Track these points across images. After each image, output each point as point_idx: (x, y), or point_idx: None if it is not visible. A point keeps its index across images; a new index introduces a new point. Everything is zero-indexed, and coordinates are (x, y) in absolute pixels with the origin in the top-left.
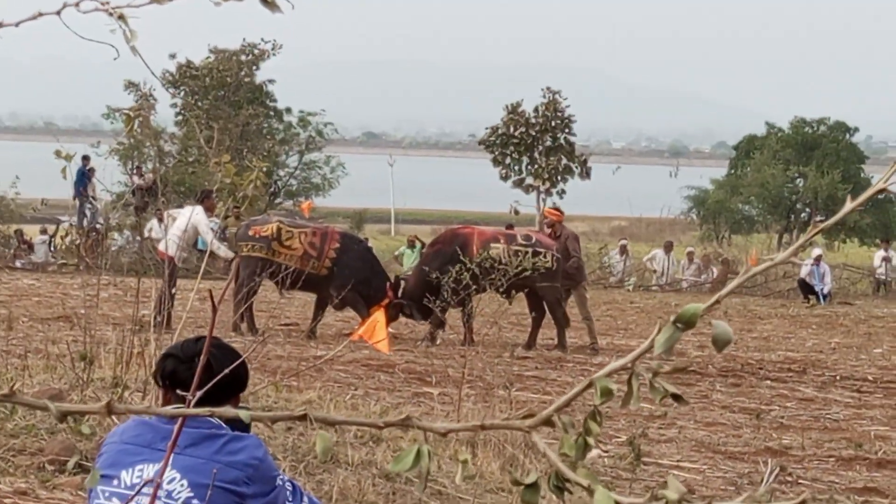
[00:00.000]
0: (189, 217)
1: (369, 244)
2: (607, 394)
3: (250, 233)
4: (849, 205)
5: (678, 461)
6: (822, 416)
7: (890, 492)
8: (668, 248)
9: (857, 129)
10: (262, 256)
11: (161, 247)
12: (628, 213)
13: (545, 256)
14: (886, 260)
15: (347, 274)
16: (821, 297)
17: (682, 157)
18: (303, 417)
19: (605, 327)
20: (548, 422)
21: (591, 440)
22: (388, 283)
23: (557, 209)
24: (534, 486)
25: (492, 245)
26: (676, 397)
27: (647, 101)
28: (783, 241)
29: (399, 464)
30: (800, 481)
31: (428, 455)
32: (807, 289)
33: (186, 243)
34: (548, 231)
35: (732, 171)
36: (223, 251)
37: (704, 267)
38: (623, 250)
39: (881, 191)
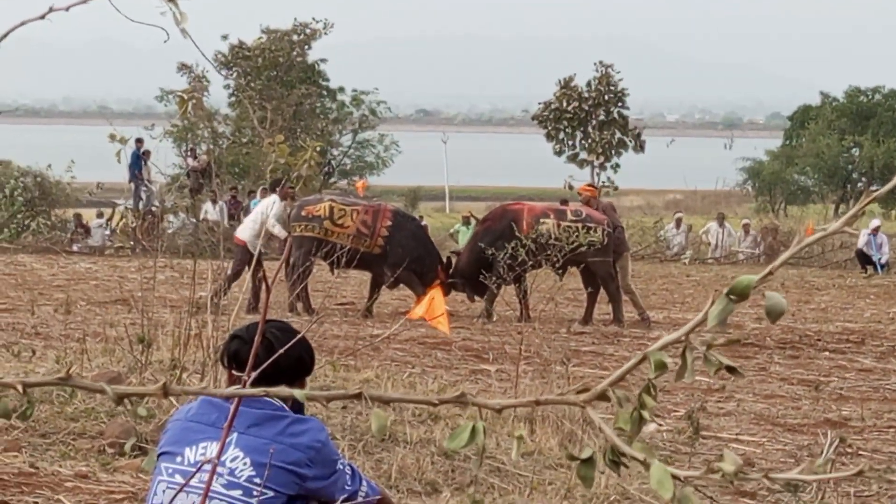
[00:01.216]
0: (266, 206)
1: (423, 222)
2: (661, 367)
3: (303, 213)
4: None
5: (737, 434)
6: (882, 386)
7: None
8: (721, 220)
9: None
10: (315, 236)
11: (238, 233)
12: (683, 186)
13: (596, 231)
14: None
15: (400, 252)
16: (878, 267)
17: (736, 128)
18: (357, 396)
19: (661, 301)
20: (602, 396)
21: (646, 414)
22: (440, 261)
23: (591, 185)
24: (589, 461)
25: (542, 220)
26: (731, 369)
27: (700, 73)
28: (839, 211)
29: (454, 441)
30: (860, 452)
31: (483, 432)
32: (864, 259)
33: (261, 231)
34: (584, 207)
35: (787, 142)
36: (278, 230)
37: (763, 238)
38: (678, 223)
39: None
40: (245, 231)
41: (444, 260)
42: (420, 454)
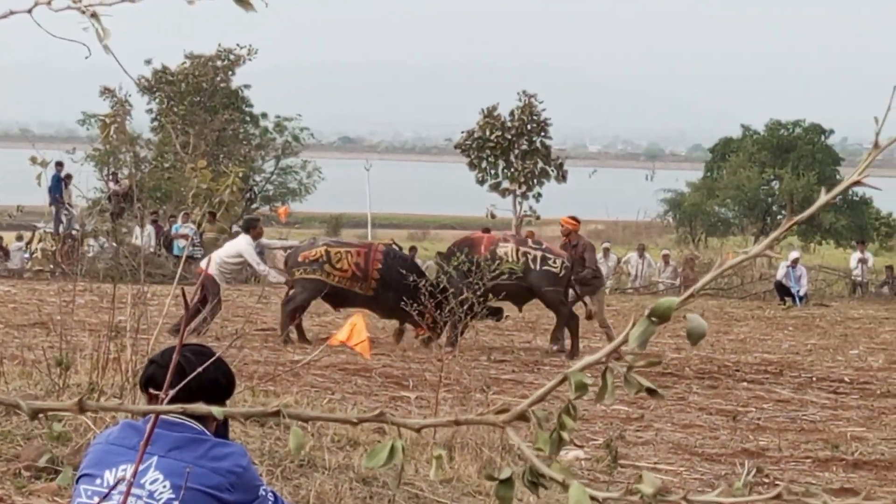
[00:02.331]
0: (236, 246)
1: (414, 254)
2: (581, 388)
3: (300, 259)
4: (822, 198)
5: (655, 463)
6: (799, 417)
7: (867, 493)
8: (641, 250)
9: (832, 132)
10: (318, 279)
11: (203, 264)
12: (605, 217)
13: (554, 262)
14: (862, 262)
15: (392, 294)
16: (797, 299)
17: (658, 159)
18: (276, 414)
19: (581, 329)
20: (522, 417)
21: (565, 435)
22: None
23: (574, 218)
24: (508, 482)
25: (500, 245)
26: (651, 391)
27: (624, 104)
28: (759, 243)
29: (373, 459)
30: (776, 483)
31: (402, 451)
32: (783, 291)
33: (230, 271)
34: (563, 240)
35: (708, 174)
36: (273, 276)
37: (682, 269)
38: (606, 253)
39: (856, 183)
40: (213, 267)
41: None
42: (338, 480)
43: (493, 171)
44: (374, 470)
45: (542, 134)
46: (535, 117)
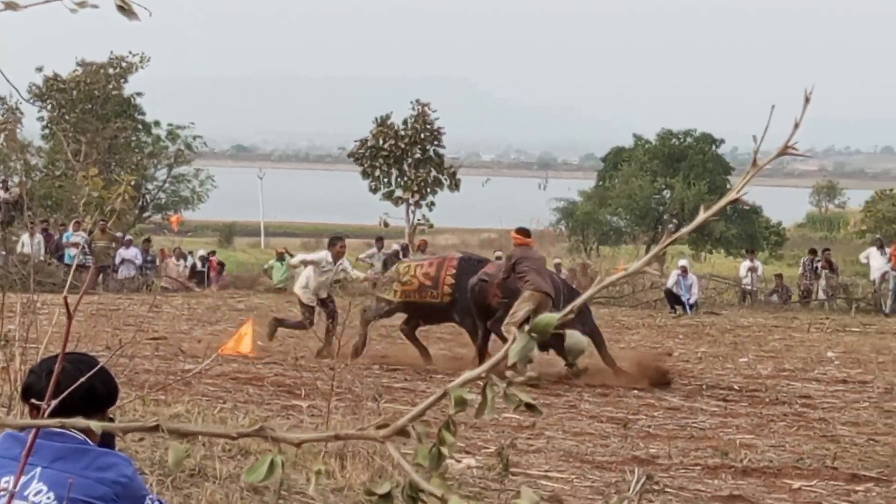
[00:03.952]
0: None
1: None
2: (461, 403)
3: (384, 279)
4: (702, 215)
5: (546, 471)
6: (689, 424)
7: (755, 499)
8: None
9: (722, 141)
10: (383, 297)
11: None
12: (498, 226)
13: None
14: (752, 270)
15: (466, 298)
16: (687, 308)
17: (550, 169)
18: (155, 428)
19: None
20: (402, 431)
21: (445, 450)
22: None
23: (524, 231)
24: (387, 497)
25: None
26: (530, 406)
27: (517, 114)
28: (648, 250)
29: (252, 474)
30: (666, 490)
31: (282, 465)
32: (674, 299)
33: (314, 285)
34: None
35: (601, 183)
36: (355, 273)
37: (573, 278)
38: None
39: (734, 200)
40: (298, 287)
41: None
42: (229, 489)
43: (386, 180)
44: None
45: (436, 143)
46: (428, 126)
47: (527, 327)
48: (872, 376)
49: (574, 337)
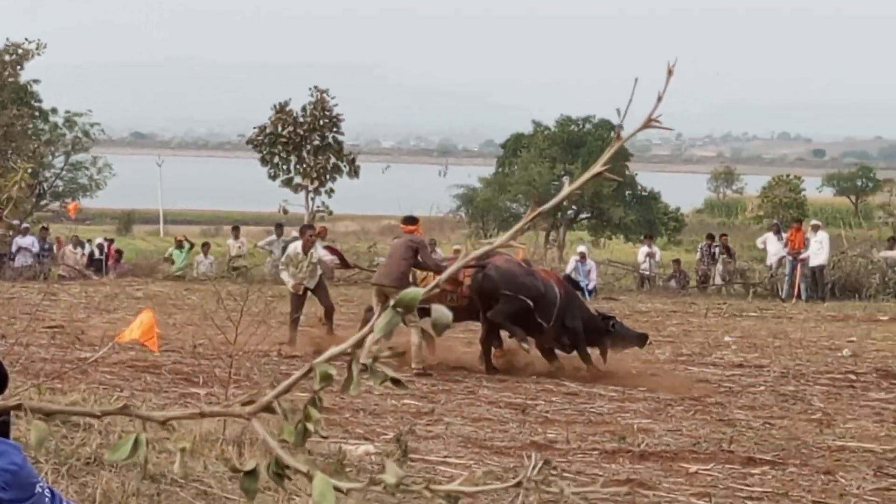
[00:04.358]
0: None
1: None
2: (326, 379)
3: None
4: (566, 188)
5: (445, 457)
6: (587, 409)
7: (652, 483)
8: (433, 245)
9: (621, 128)
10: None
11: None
12: (398, 212)
13: None
14: (650, 255)
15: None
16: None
17: (450, 155)
18: (17, 407)
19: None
20: (268, 408)
21: (311, 426)
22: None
23: (411, 219)
24: (252, 473)
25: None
26: (396, 381)
27: (417, 100)
28: (550, 238)
29: (116, 452)
30: (564, 475)
31: (146, 444)
32: (572, 284)
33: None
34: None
35: (500, 170)
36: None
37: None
38: None
39: (598, 174)
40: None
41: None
42: (126, 478)
43: (285, 167)
44: (163, 468)
45: (335, 129)
46: (327, 113)
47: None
48: (769, 360)
49: (439, 311)
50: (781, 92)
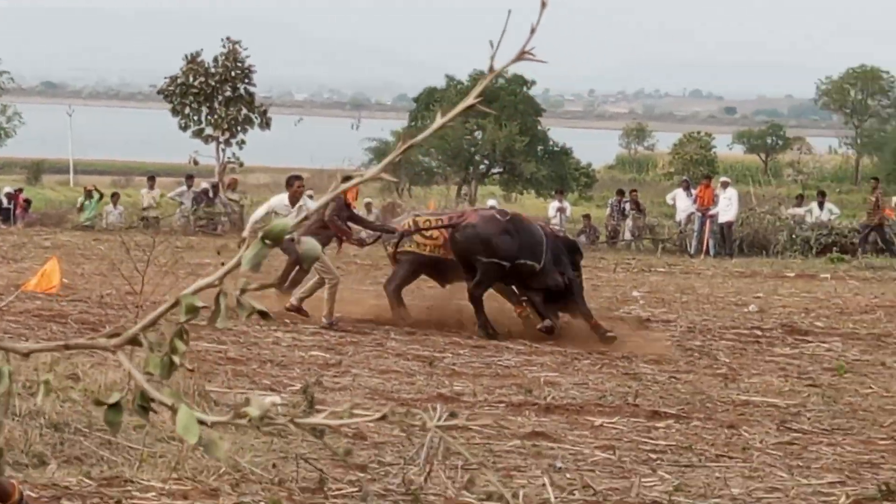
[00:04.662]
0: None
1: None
2: (192, 311)
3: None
4: (438, 121)
5: (351, 409)
6: (494, 362)
7: (557, 436)
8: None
9: (534, 83)
10: (414, 251)
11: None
12: (310, 165)
13: None
14: (561, 210)
15: None
16: None
17: (364, 109)
18: None
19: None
20: (134, 341)
21: (176, 359)
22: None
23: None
24: (116, 407)
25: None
26: (263, 314)
27: (330, 54)
28: (462, 192)
29: None
30: (470, 427)
31: (9, 376)
32: None
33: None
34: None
35: (413, 124)
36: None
37: (383, 217)
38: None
39: (470, 106)
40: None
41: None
42: (28, 426)
43: (196, 118)
44: (66, 416)
45: (247, 81)
46: (239, 64)
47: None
48: (675, 315)
49: (308, 243)
50: (694, 49)
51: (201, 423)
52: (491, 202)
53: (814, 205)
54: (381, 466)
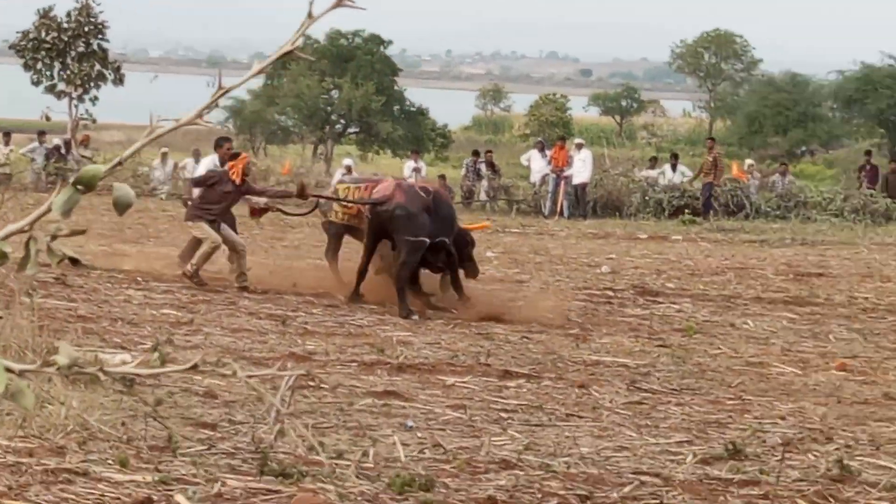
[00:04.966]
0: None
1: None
2: (2, 257)
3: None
4: (255, 66)
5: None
6: (347, 322)
7: (409, 395)
8: (197, 156)
9: (391, 42)
10: (338, 222)
11: None
12: (166, 123)
13: None
14: (416, 170)
15: None
16: None
17: (220, 67)
18: None
19: (136, 235)
20: None
21: None
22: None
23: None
24: None
25: None
26: (74, 261)
27: (186, 11)
28: (318, 151)
29: None
30: (322, 386)
31: None
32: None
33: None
34: None
35: (269, 82)
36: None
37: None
38: (164, 158)
39: (288, 52)
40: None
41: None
42: None
43: (48, 73)
44: None
45: (100, 37)
46: (92, 19)
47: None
48: (529, 276)
49: (121, 189)
50: (550, 11)
51: (9, 371)
52: (347, 161)
53: (667, 167)
54: (232, 425)
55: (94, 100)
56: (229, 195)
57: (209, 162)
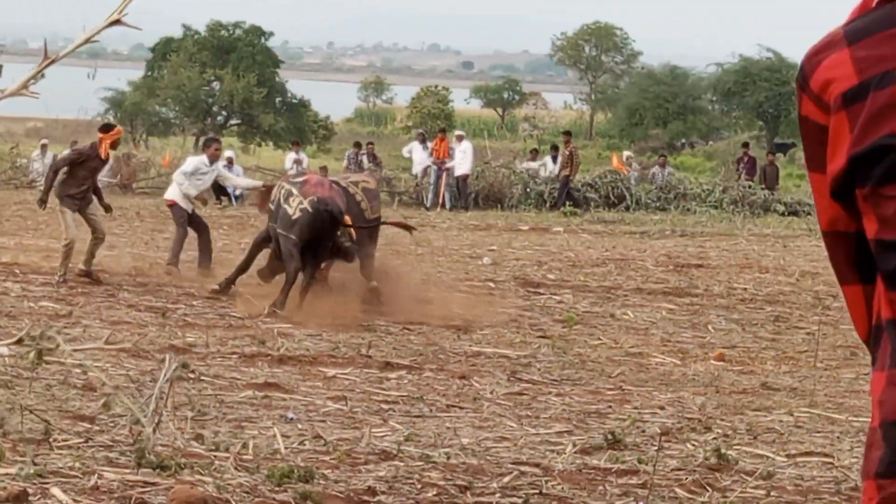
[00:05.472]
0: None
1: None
2: None
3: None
4: (81, 37)
5: (82, 360)
6: (228, 314)
7: (290, 387)
8: (44, 149)
9: (272, 34)
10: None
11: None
12: (45, 115)
13: None
14: (298, 162)
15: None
16: (233, 199)
17: (100, 58)
18: None
19: (15, 227)
20: None
21: None
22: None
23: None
24: None
25: None
26: None
27: (65, 2)
28: (199, 143)
29: None
30: (202, 378)
31: None
32: (220, 190)
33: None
34: None
35: (149, 74)
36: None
37: (117, 167)
38: (44, 150)
39: (116, 21)
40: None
41: None
42: None
43: None
44: None
45: None
46: None
47: None
48: (409, 268)
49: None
50: (432, 3)
51: None
52: (228, 153)
53: (548, 159)
54: (111, 418)
55: None
56: (96, 171)
57: (198, 162)
